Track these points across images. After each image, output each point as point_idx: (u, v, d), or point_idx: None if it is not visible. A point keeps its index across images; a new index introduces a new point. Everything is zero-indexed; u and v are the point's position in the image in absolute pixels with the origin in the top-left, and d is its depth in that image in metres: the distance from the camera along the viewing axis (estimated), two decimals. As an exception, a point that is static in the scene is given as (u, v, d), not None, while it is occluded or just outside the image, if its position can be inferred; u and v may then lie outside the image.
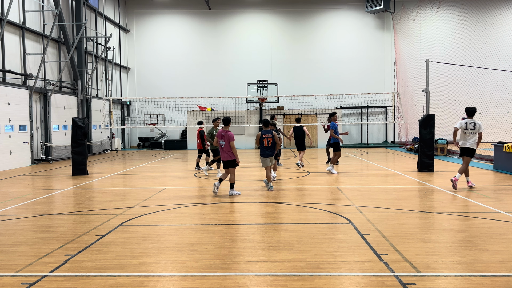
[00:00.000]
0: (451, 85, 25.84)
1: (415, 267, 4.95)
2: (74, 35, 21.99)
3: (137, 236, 6.43)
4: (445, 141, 20.06)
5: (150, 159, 20.00)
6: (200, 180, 12.71)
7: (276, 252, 5.57)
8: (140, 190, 10.76)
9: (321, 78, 29.33)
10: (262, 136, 10.36)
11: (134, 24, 30.04)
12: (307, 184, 11.61)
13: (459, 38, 28.16)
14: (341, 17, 29.98)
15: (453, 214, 7.67)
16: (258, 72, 29.21)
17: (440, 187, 10.73)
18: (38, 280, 4.68)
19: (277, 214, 7.85)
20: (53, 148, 19.29)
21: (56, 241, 6.17)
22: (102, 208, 8.61)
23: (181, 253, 5.58)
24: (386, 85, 29.54)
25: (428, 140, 13.79)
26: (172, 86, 29.26)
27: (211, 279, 4.68)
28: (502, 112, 21.64)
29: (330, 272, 4.85)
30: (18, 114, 17.06)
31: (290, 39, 29.87)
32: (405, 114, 25.22)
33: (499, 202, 8.73)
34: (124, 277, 4.75)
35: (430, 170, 13.73)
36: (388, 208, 8.26)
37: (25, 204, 9.15)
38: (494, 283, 4.49)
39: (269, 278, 4.69)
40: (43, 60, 18.48)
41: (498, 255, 5.36)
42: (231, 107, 28.09)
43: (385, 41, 29.82)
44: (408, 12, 28.96)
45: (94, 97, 24.35)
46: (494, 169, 14.19)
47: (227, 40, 29.96)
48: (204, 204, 8.83)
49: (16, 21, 17.55)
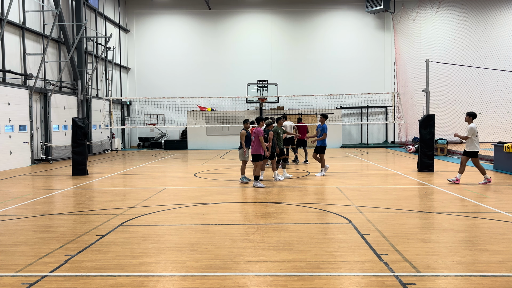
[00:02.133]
0: (451, 85, 25.85)
1: (415, 267, 4.95)
2: (74, 35, 22.00)
3: (137, 236, 6.43)
4: (445, 141, 20.05)
5: (150, 159, 20.00)
6: (200, 180, 12.71)
7: (276, 252, 5.57)
8: (140, 190, 10.76)
9: (321, 78, 29.32)
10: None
11: (134, 24, 30.04)
12: (307, 184, 11.61)
13: (459, 38, 28.16)
14: (341, 17, 29.97)
15: (453, 214, 7.67)
16: (258, 72, 29.21)
17: (440, 187, 10.73)
18: (38, 280, 4.68)
19: (277, 214, 7.85)
20: (53, 148, 19.29)
21: (56, 241, 6.17)
22: (102, 208, 8.61)
23: (181, 253, 5.58)
24: (386, 85, 29.53)
25: (428, 140, 13.79)
26: (172, 86, 29.26)
27: (211, 279, 4.68)
28: (502, 112, 21.64)
29: (330, 272, 4.85)
30: (18, 114, 17.06)
31: (290, 39, 29.87)
32: (405, 114, 25.22)
33: (499, 202, 8.73)
34: (124, 277, 4.75)
35: (430, 170, 13.73)
36: (388, 208, 8.26)
37: (25, 204, 9.15)
38: (494, 283, 4.49)
39: (269, 278, 4.69)
40: (43, 60, 18.48)
41: (498, 255, 5.36)
42: (231, 107, 28.09)
43: (385, 41, 29.81)
44: (408, 12, 28.96)
45: (94, 97, 24.35)
46: (494, 169, 14.18)
47: (227, 40, 29.96)
48: (204, 204, 8.83)
49: (16, 21, 17.55)
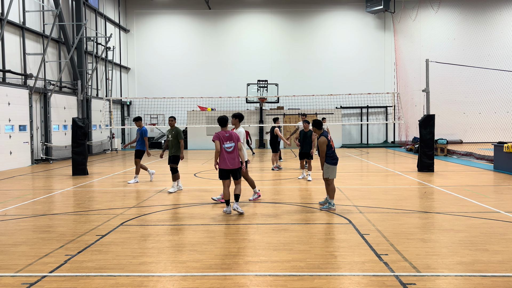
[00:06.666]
0: (451, 85, 25.88)
1: (415, 267, 4.95)
2: (74, 35, 22.00)
3: (137, 236, 6.43)
4: (445, 141, 20.04)
5: (150, 159, 19.98)
6: (200, 180, 12.71)
7: (276, 252, 5.57)
8: (140, 190, 10.75)
9: (321, 78, 29.33)
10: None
11: (134, 24, 30.04)
12: (307, 184, 11.60)
13: (459, 38, 28.18)
14: (341, 17, 29.97)
15: (453, 214, 7.67)
16: (258, 72, 29.21)
17: (440, 187, 10.73)
18: (38, 280, 4.68)
19: (277, 214, 7.84)
20: (53, 148, 19.29)
21: (56, 241, 6.17)
22: (102, 208, 8.61)
23: (181, 253, 5.58)
24: (386, 85, 29.53)
25: (428, 140, 13.79)
26: (172, 86, 29.27)
27: (211, 279, 4.68)
28: (502, 112, 21.66)
29: (330, 272, 4.85)
30: (18, 114, 17.06)
31: (290, 39, 29.87)
32: (405, 114, 25.22)
33: (499, 202, 8.73)
34: (124, 277, 4.75)
35: (430, 170, 13.73)
36: (388, 208, 8.26)
37: (25, 204, 9.15)
38: (494, 283, 4.49)
39: (269, 278, 4.69)
40: (43, 60, 18.48)
41: (498, 255, 5.36)
42: (231, 107, 28.09)
43: (385, 41, 29.81)
44: (408, 12, 28.96)
45: (94, 97, 24.34)
46: (494, 169, 14.17)
47: (227, 40, 29.96)
48: (204, 204, 8.83)
49: (16, 21, 17.55)
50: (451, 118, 25.53)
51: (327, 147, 7.98)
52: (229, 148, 7.65)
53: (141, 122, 12.28)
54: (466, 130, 27.14)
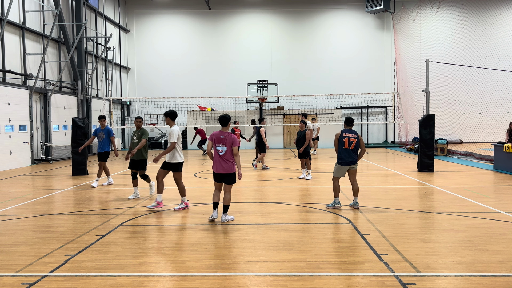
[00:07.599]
0: (451, 85, 25.86)
1: (415, 267, 4.95)
2: (74, 35, 21.99)
3: (137, 236, 6.43)
4: (445, 141, 20.04)
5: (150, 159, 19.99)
6: (200, 180, 12.71)
7: (276, 252, 5.57)
8: (140, 190, 10.75)
9: (321, 78, 29.31)
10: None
11: (134, 24, 30.03)
12: (307, 184, 11.60)
13: (459, 38, 28.17)
14: (341, 17, 29.96)
15: (453, 214, 7.67)
16: (258, 72, 29.20)
17: (440, 187, 10.73)
18: (38, 280, 4.68)
19: (277, 214, 7.84)
20: (53, 148, 19.29)
21: (56, 241, 6.17)
22: (102, 208, 8.61)
23: (181, 253, 5.58)
24: (386, 85, 29.52)
25: (428, 140, 13.79)
26: (172, 86, 29.25)
27: (211, 279, 4.68)
28: (502, 112, 21.64)
29: (330, 272, 4.85)
30: (18, 114, 17.05)
31: (290, 39, 29.86)
32: (405, 114, 25.21)
33: (499, 202, 8.73)
34: (124, 277, 4.75)
35: (430, 170, 13.73)
36: (388, 208, 8.26)
37: (25, 204, 9.15)
38: (494, 283, 4.49)
39: (269, 278, 4.69)
40: (43, 60, 18.48)
41: (498, 255, 5.36)
42: (231, 107, 28.08)
43: (385, 41, 29.81)
44: (408, 12, 28.96)
45: (94, 97, 24.34)
46: (494, 169, 14.18)
47: (227, 40, 29.96)
48: (204, 204, 8.83)
49: (16, 21, 17.54)
50: (451, 118, 25.52)
51: (339, 143, 8.22)
52: (221, 151, 7.13)
53: (105, 121, 11.89)
54: (466, 130, 27.14)
